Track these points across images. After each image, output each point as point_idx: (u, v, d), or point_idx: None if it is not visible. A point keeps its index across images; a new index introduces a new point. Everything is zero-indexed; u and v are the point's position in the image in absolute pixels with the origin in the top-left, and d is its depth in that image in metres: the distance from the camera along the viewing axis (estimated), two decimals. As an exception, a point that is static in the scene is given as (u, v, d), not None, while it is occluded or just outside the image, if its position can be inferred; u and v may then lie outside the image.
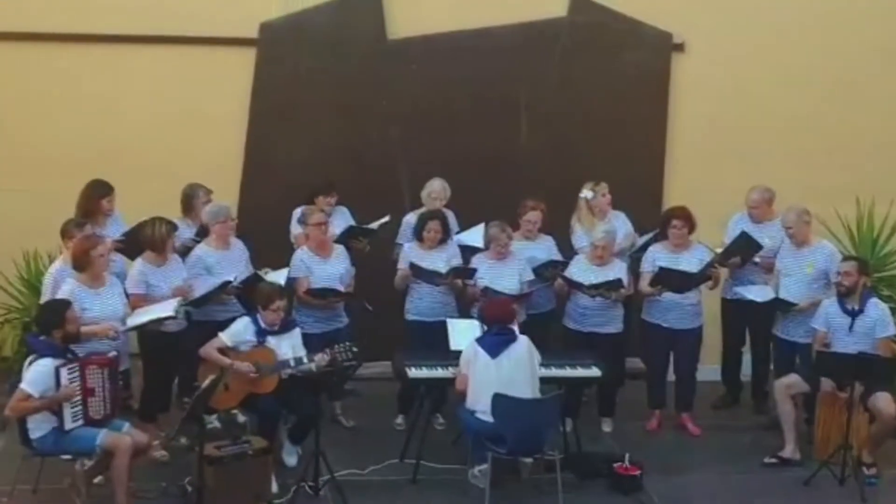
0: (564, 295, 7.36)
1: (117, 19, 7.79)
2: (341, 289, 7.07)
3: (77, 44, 7.78)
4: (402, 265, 7.26)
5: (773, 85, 8.36)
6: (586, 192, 7.54)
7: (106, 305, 6.45)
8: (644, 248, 7.52)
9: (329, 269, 7.12)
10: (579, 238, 7.57)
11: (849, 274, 6.88)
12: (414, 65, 8.13)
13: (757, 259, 7.46)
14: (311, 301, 7.04)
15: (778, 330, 7.44)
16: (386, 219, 7.45)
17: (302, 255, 7.13)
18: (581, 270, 7.25)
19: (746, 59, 8.32)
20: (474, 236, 7.50)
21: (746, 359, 7.91)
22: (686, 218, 7.32)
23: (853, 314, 6.92)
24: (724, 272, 7.59)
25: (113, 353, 6.25)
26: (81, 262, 6.44)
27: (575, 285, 7.19)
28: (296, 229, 7.44)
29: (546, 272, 7.34)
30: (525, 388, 6.33)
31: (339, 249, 7.26)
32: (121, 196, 7.16)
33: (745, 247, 7.42)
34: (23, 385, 5.93)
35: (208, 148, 7.92)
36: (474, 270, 7.18)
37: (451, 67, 8.13)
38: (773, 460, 7.05)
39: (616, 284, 7.11)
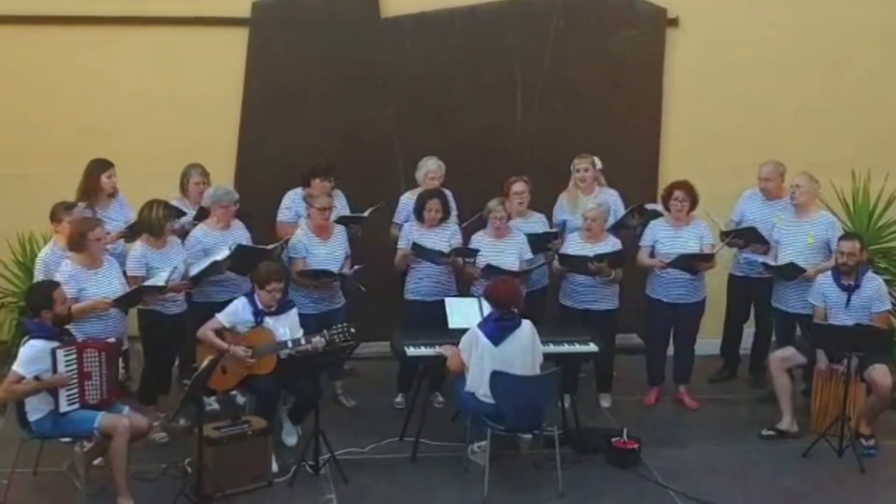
0: (561, 273, 7.35)
1: (108, 0, 7.74)
2: (335, 270, 7.06)
3: (68, 26, 7.72)
4: (403, 244, 7.24)
5: (769, 60, 8.32)
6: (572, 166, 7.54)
7: (102, 286, 6.42)
8: (621, 224, 7.46)
9: (328, 250, 7.10)
10: (559, 209, 7.57)
11: (853, 254, 6.83)
12: (408, 42, 8.10)
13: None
14: (304, 282, 7.04)
15: (777, 301, 7.44)
16: (378, 205, 7.42)
17: (301, 235, 7.11)
18: (576, 248, 7.23)
19: (741, 34, 8.27)
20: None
21: (747, 333, 7.92)
22: (688, 191, 7.30)
23: (850, 290, 6.91)
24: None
25: (112, 339, 6.21)
26: (77, 244, 6.40)
27: (575, 261, 7.13)
28: (283, 215, 7.37)
29: (544, 244, 7.32)
30: (525, 371, 6.27)
31: (340, 231, 7.22)
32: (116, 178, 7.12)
33: (751, 238, 7.42)
34: (14, 367, 5.88)
35: (203, 129, 7.87)
36: (476, 251, 7.16)
37: (445, 45, 8.10)
38: (771, 432, 7.07)
39: (618, 256, 7.11)
